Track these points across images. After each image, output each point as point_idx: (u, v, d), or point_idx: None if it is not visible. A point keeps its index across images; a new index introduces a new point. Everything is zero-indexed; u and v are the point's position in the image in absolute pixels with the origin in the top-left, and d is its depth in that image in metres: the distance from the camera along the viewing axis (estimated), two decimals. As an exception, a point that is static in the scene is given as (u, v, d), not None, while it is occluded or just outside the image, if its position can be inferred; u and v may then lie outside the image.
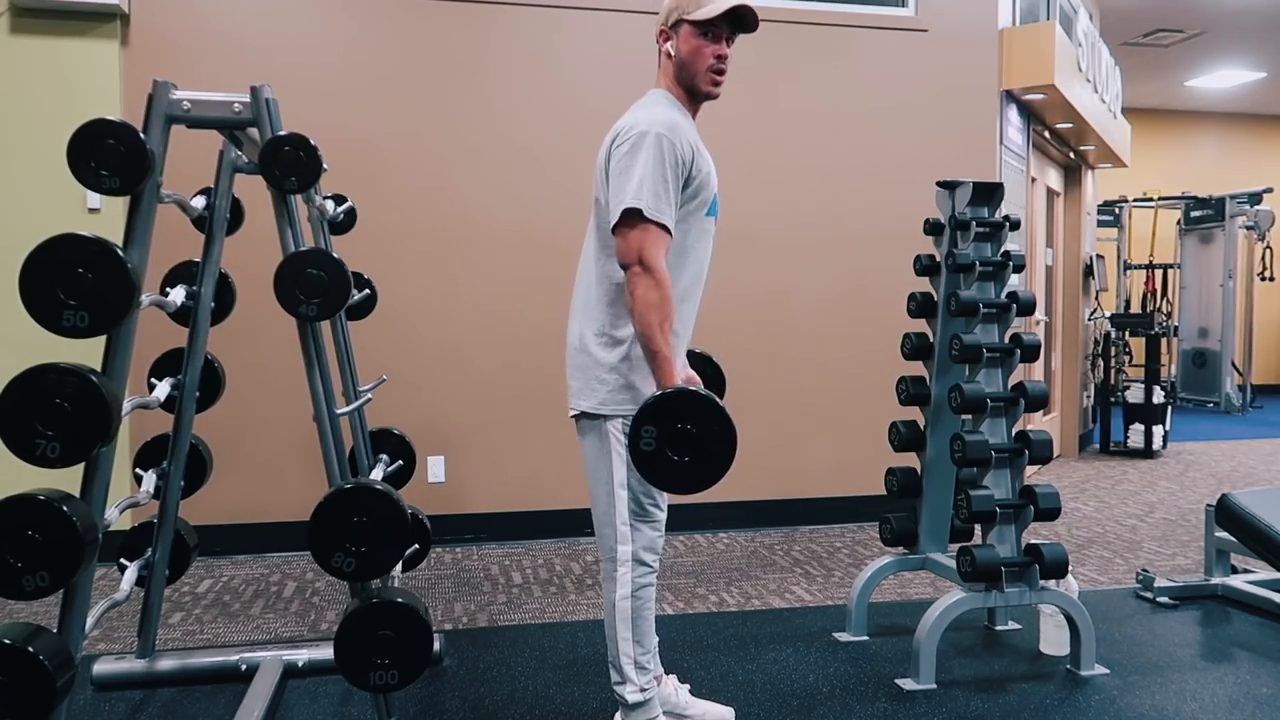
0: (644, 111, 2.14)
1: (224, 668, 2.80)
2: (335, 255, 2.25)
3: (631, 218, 2.04)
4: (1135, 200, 9.71)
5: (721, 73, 2.19)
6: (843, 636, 3.17)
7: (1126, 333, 7.88)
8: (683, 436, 1.85)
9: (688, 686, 2.56)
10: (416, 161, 4.37)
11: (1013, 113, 5.41)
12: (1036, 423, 6.07)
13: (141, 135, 2.05)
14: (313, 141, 2.22)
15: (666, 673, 2.53)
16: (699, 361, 2.63)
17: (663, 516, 2.26)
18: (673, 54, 2.18)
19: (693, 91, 2.20)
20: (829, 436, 4.84)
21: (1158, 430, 6.93)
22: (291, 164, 2.20)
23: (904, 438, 3.19)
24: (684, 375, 2.35)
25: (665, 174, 2.06)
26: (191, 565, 2.98)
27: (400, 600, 2.09)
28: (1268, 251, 9.43)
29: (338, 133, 4.00)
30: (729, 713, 2.51)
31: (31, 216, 3.95)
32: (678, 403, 1.87)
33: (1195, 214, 9.65)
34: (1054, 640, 3.00)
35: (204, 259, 2.67)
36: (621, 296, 2.12)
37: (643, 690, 2.22)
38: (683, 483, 1.89)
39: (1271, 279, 9.49)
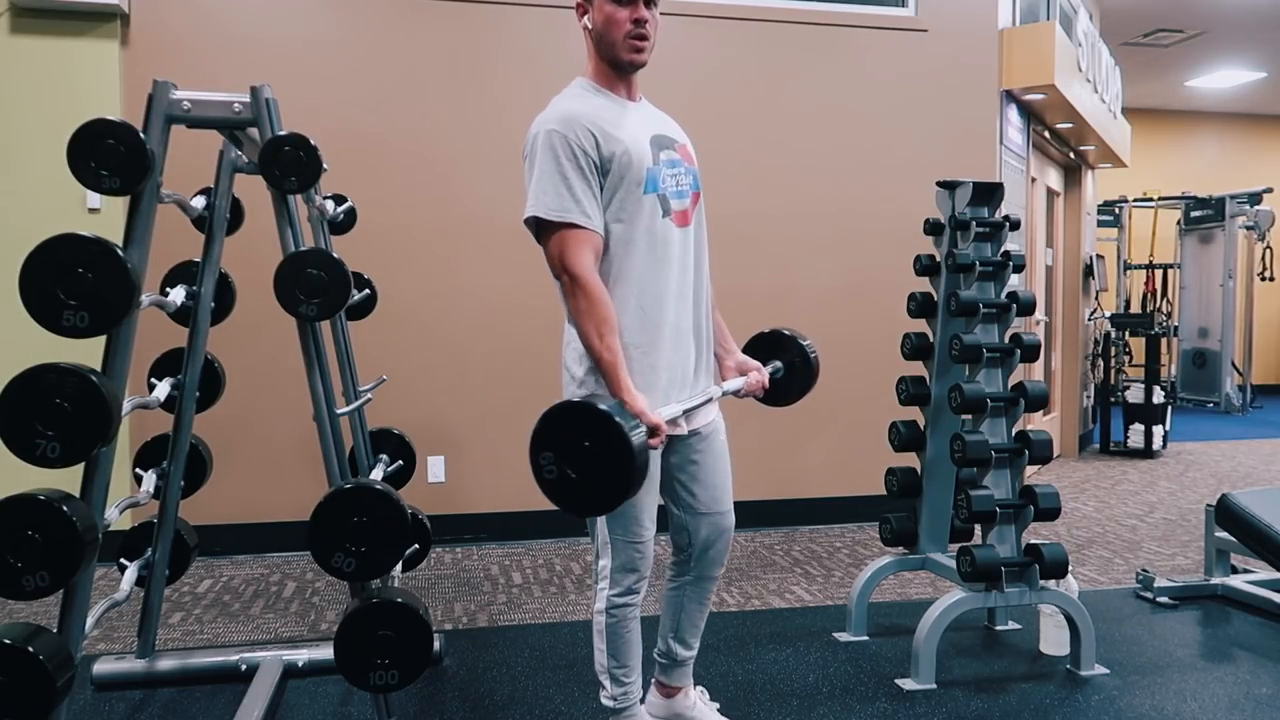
0: (542, 113, 2.05)
1: (224, 668, 2.80)
2: (335, 255, 2.25)
3: (542, 228, 1.97)
4: (1135, 200, 9.71)
5: (643, 38, 2.01)
6: (843, 636, 3.17)
7: (1126, 333, 7.88)
8: (579, 454, 1.68)
9: (706, 693, 2.51)
10: (417, 161, 4.37)
11: (1013, 113, 5.41)
12: (1036, 423, 6.07)
13: (141, 135, 2.05)
14: (313, 141, 2.22)
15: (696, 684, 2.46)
16: (786, 345, 2.40)
17: (646, 536, 2.11)
18: (590, 27, 2.05)
19: (616, 64, 2.05)
20: (829, 436, 4.83)
21: (1158, 430, 6.93)
22: (291, 164, 2.20)
23: (904, 438, 3.19)
24: (735, 361, 2.27)
25: (563, 170, 1.95)
26: (191, 565, 2.98)
27: (400, 600, 2.09)
28: (1268, 251, 9.43)
29: (338, 132, 3.99)
30: None
31: (31, 216, 3.95)
32: (560, 421, 1.71)
33: (1195, 214, 9.65)
34: (1054, 640, 3.00)
35: (204, 259, 2.67)
36: (609, 290, 2.03)
37: (614, 699, 2.17)
38: (595, 502, 1.75)
39: (1271, 279, 9.49)
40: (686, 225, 2.12)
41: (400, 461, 3.24)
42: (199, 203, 2.62)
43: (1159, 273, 9.68)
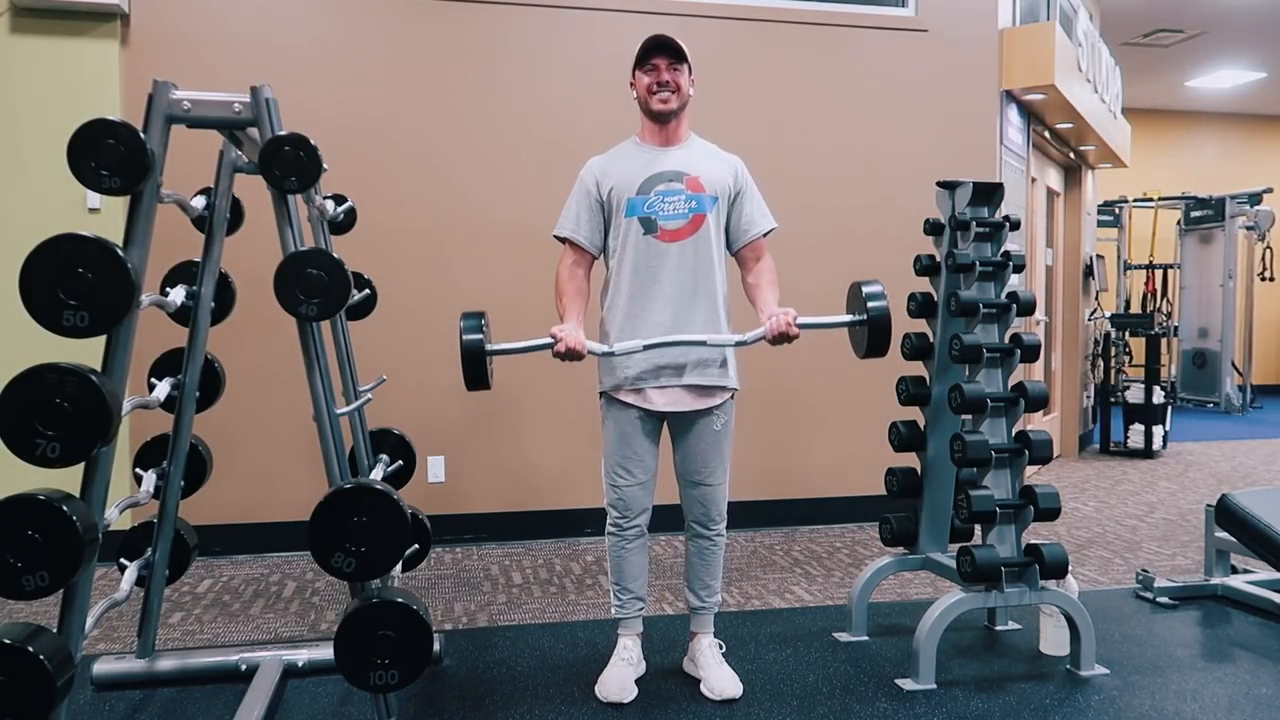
0: None
1: (224, 668, 2.80)
2: (335, 255, 2.25)
3: None
4: (1135, 200, 9.70)
5: (663, 88, 2.60)
6: (843, 636, 3.17)
7: (1126, 333, 7.88)
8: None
9: (721, 646, 2.82)
10: (417, 161, 4.37)
11: (1013, 113, 5.41)
12: (1036, 423, 6.07)
13: (141, 135, 2.05)
14: (312, 141, 2.22)
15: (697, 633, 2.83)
16: (855, 299, 2.80)
17: (622, 483, 2.68)
18: (635, 95, 2.67)
19: (650, 114, 2.66)
20: (829, 436, 4.83)
21: (1158, 430, 6.93)
22: (291, 164, 2.20)
23: (904, 438, 3.18)
24: (764, 316, 2.70)
25: (572, 199, 2.71)
26: (191, 565, 2.98)
27: (400, 600, 2.09)
28: (1268, 251, 9.43)
29: (338, 132, 4.00)
30: (732, 688, 2.67)
31: (32, 216, 3.95)
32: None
33: (1195, 214, 9.65)
34: (1054, 640, 3.00)
35: (204, 259, 2.67)
36: (607, 295, 2.71)
37: (613, 608, 2.77)
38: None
39: (1271, 279, 9.48)
40: (681, 240, 2.63)
41: (400, 461, 3.24)
42: (199, 203, 2.62)
43: (1159, 273, 9.67)
